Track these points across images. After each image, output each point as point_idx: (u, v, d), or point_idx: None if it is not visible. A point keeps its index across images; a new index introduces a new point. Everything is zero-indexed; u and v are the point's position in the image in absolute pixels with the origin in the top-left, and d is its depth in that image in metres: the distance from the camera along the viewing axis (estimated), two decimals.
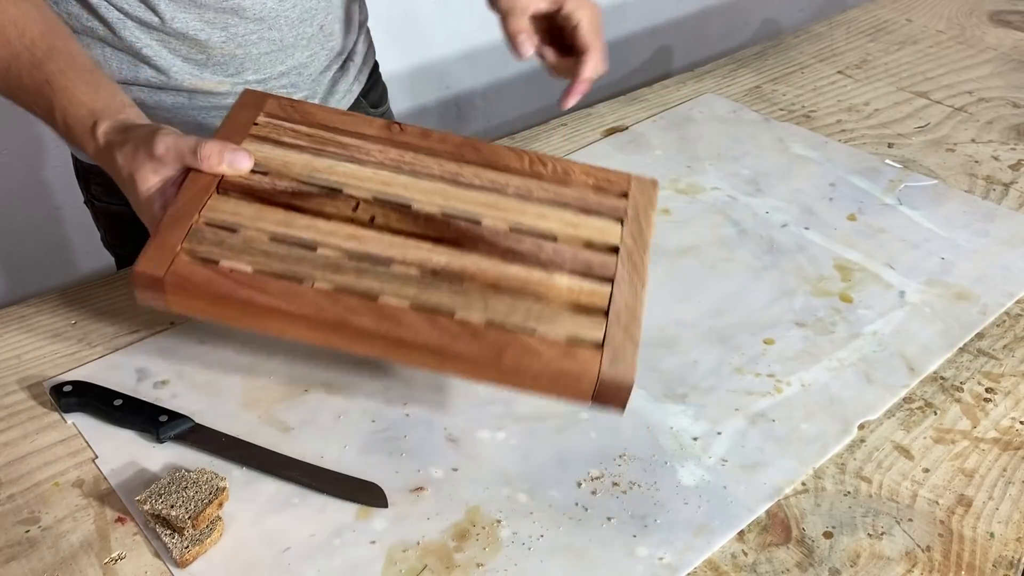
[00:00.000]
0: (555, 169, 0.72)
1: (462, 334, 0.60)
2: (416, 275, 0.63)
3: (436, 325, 0.60)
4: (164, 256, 0.61)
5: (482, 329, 0.60)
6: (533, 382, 0.61)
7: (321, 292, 0.61)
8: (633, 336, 0.62)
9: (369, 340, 0.60)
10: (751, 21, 2.43)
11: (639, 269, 0.66)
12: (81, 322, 0.84)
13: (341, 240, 0.64)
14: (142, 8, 0.79)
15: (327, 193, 0.67)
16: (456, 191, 0.69)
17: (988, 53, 1.33)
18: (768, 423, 0.73)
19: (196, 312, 0.62)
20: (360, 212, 0.66)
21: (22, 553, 0.64)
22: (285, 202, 0.66)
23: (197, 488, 0.65)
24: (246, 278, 0.60)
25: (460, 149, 0.72)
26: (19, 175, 1.49)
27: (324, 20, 0.90)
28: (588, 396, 0.61)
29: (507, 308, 0.62)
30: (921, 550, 0.63)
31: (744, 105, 1.19)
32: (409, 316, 0.60)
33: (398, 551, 0.64)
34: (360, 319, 0.60)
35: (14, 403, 0.75)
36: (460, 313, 0.61)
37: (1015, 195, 1.01)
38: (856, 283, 0.88)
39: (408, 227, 0.66)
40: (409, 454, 0.71)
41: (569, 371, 0.60)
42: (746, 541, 0.64)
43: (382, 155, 0.70)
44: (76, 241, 1.59)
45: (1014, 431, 0.73)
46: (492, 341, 0.60)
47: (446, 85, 1.92)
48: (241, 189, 0.66)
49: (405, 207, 0.67)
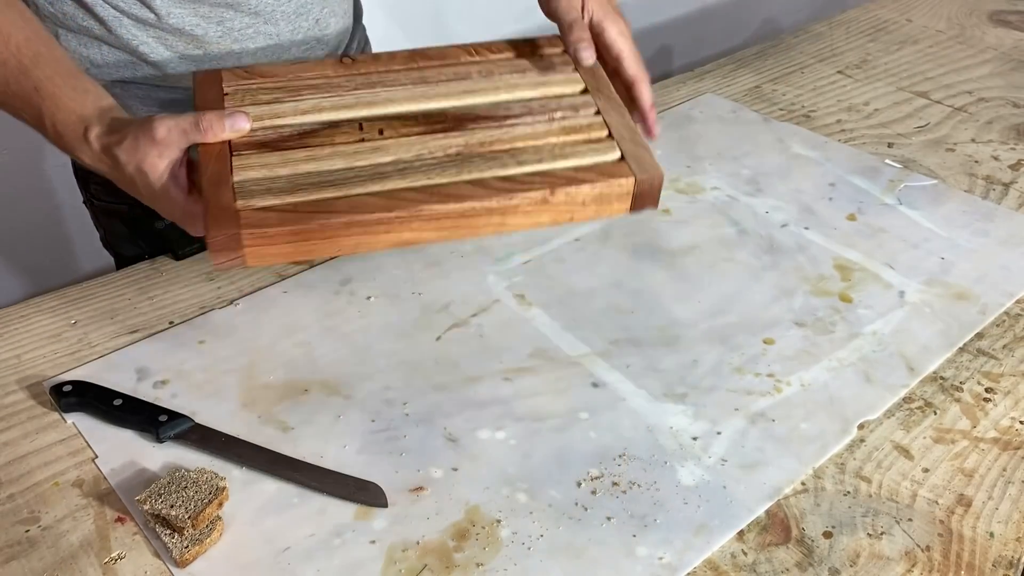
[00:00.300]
0: (500, 48, 0.80)
1: (513, 188, 0.66)
2: (446, 159, 0.69)
3: (489, 187, 0.66)
4: (228, 216, 0.62)
5: (526, 179, 0.67)
6: (582, 209, 0.68)
7: (383, 194, 0.65)
8: (641, 143, 0.71)
9: (439, 222, 0.65)
10: (751, 21, 2.43)
11: (612, 97, 0.75)
12: (81, 322, 0.84)
13: (367, 157, 0.68)
14: (137, 5, 0.79)
15: (328, 126, 0.70)
16: (432, 89, 0.74)
17: (988, 53, 1.33)
18: (768, 423, 0.73)
19: (276, 257, 0.64)
20: (367, 131, 0.70)
21: (22, 553, 0.64)
22: (298, 143, 0.68)
23: (197, 488, 0.65)
24: (312, 205, 0.63)
25: (412, 59, 0.78)
26: (19, 175, 1.49)
27: (319, 14, 0.90)
28: (627, 205, 0.70)
29: (535, 157, 0.69)
30: (921, 550, 0.63)
31: (744, 105, 1.19)
32: (464, 189, 0.66)
33: (398, 551, 0.64)
34: (428, 206, 0.64)
35: (14, 403, 0.75)
36: (498, 172, 0.68)
37: (1015, 195, 1.01)
38: (856, 283, 0.88)
39: (414, 128, 0.71)
40: (409, 454, 0.71)
41: (610, 188, 0.68)
42: (746, 541, 0.64)
43: (351, 83, 0.74)
44: (76, 241, 1.59)
45: (1014, 431, 0.73)
46: (539, 185, 0.67)
47: None
48: (253, 145, 0.68)
49: (401, 115, 0.72)
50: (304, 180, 0.65)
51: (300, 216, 0.63)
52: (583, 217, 0.69)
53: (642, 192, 0.69)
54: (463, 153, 0.69)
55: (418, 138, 0.70)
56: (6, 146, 1.45)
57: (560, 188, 0.67)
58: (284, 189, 0.64)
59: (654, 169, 0.69)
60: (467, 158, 0.68)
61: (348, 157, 0.67)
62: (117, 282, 0.89)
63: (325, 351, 0.80)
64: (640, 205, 0.70)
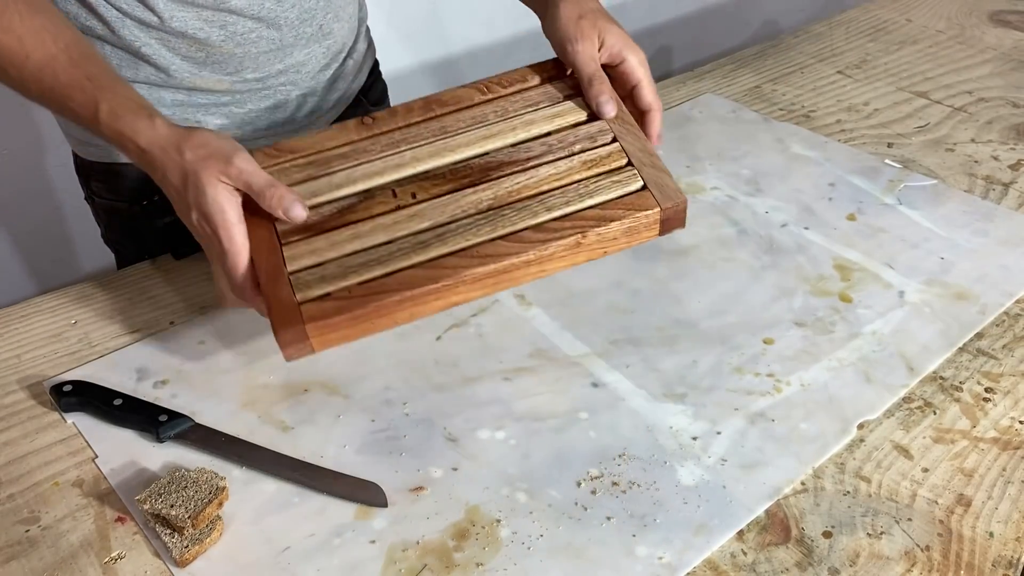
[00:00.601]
0: (510, 81, 0.81)
1: (547, 238, 0.69)
2: (479, 216, 0.71)
3: (524, 241, 0.69)
4: (291, 313, 0.65)
5: (558, 225, 0.70)
6: (614, 243, 0.71)
7: (427, 265, 0.68)
8: (661, 168, 0.73)
9: (482, 282, 0.68)
10: (751, 21, 2.43)
11: (627, 120, 0.76)
12: (81, 322, 0.84)
13: (406, 225, 0.70)
14: (140, 7, 0.79)
15: (364, 197, 0.72)
16: (453, 140, 0.76)
17: (988, 53, 1.33)
18: (767, 423, 0.73)
19: (340, 340, 0.67)
20: (401, 197, 0.72)
21: (22, 552, 0.64)
22: (339, 223, 0.71)
23: (197, 488, 0.65)
24: (364, 288, 0.66)
25: (428, 108, 0.79)
26: (19, 175, 1.49)
27: (323, 20, 0.90)
28: (656, 232, 0.72)
29: (562, 200, 0.71)
30: (920, 550, 0.63)
31: (744, 105, 1.19)
32: (501, 247, 0.68)
33: (398, 550, 0.64)
34: (469, 270, 0.67)
35: (14, 403, 0.76)
36: (530, 222, 0.70)
37: (1014, 195, 1.01)
38: (855, 283, 0.88)
39: (444, 187, 0.73)
40: (409, 454, 0.71)
41: (637, 221, 0.70)
42: (745, 541, 0.64)
43: (376, 145, 0.76)
44: (76, 241, 1.59)
45: (1013, 431, 0.73)
46: (570, 231, 0.69)
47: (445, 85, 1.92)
48: (299, 231, 0.70)
49: (429, 174, 0.74)
50: (353, 261, 0.68)
51: (356, 301, 0.66)
52: (616, 249, 0.71)
53: (669, 218, 0.71)
54: (494, 206, 0.71)
55: (450, 197, 0.72)
56: (6, 146, 1.45)
57: (591, 230, 0.69)
58: (336, 275, 0.67)
59: (677, 195, 0.71)
60: (499, 211, 0.71)
61: (388, 229, 0.70)
62: (118, 282, 0.89)
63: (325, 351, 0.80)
64: (668, 229, 0.72)
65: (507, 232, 0.69)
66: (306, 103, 0.94)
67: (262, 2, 0.83)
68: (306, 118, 0.95)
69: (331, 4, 0.90)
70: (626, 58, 0.78)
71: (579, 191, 0.72)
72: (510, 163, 0.74)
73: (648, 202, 0.71)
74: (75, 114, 0.71)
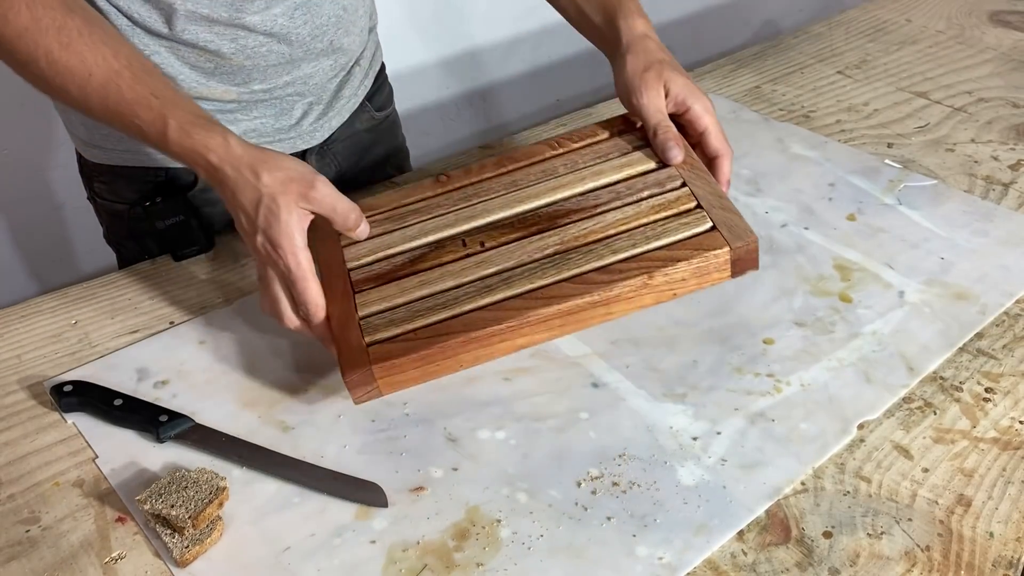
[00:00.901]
0: (580, 137, 0.83)
1: (612, 279, 0.69)
2: (545, 260, 0.72)
3: (589, 282, 0.69)
4: (359, 355, 0.67)
5: (624, 267, 0.70)
6: (683, 284, 0.71)
7: (492, 307, 0.69)
8: (732, 209, 0.73)
9: (547, 323, 0.69)
10: (751, 21, 2.43)
11: (696, 166, 0.77)
12: (81, 322, 0.84)
13: (473, 271, 0.72)
14: (152, 18, 0.79)
15: (434, 248, 0.75)
16: (523, 193, 0.78)
17: (988, 53, 1.33)
18: (767, 423, 0.73)
19: (407, 383, 0.69)
20: (470, 246, 0.75)
21: (22, 553, 0.64)
22: (409, 271, 0.73)
23: (197, 488, 0.65)
24: (430, 330, 0.68)
25: (500, 164, 0.81)
26: (20, 175, 1.49)
27: (334, 35, 0.90)
28: (728, 273, 0.71)
29: (628, 243, 0.71)
30: (920, 550, 0.64)
31: (744, 105, 1.19)
32: (566, 288, 0.69)
33: (398, 551, 0.64)
34: (534, 311, 0.68)
35: (14, 403, 0.76)
36: (595, 264, 0.70)
37: (1014, 195, 1.01)
38: (855, 283, 0.88)
39: (511, 235, 0.75)
40: (409, 454, 0.71)
41: (706, 261, 0.70)
42: (746, 541, 0.64)
43: (449, 200, 0.79)
44: (77, 241, 1.59)
45: (1013, 431, 0.73)
46: (637, 272, 0.69)
47: (446, 85, 1.92)
48: (371, 279, 0.73)
49: (497, 224, 0.76)
50: (420, 306, 0.70)
51: (421, 343, 0.67)
52: (686, 291, 0.71)
53: (740, 258, 0.70)
54: (560, 250, 0.72)
55: (517, 244, 0.73)
56: (6, 146, 1.45)
57: (658, 271, 0.69)
58: (403, 318, 0.69)
59: (747, 235, 0.70)
60: (565, 255, 0.72)
61: (456, 275, 0.72)
62: (118, 282, 0.89)
63: (325, 351, 0.80)
64: (740, 270, 0.71)
65: (572, 274, 0.70)
66: (311, 111, 0.94)
67: (275, 18, 0.83)
68: (311, 125, 0.95)
69: (342, 20, 0.90)
70: (691, 106, 0.79)
71: (646, 234, 0.72)
72: (578, 210, 0.76)
73: (717, 242, 0.70)
74: (141, 132, 0.71)
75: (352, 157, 1.02)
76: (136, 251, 0.96)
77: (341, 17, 0.90)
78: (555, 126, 1.14)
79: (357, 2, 0.93)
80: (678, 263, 0.69)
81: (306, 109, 0.93)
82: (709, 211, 0.72)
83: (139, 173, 0.91)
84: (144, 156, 0.90)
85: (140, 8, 0.79)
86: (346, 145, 1.01)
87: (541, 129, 1.14)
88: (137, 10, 0.79)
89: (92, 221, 1.03)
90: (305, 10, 0.86)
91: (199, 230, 0.91)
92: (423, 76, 1.87)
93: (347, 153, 1.01)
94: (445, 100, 1.94)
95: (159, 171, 0.91)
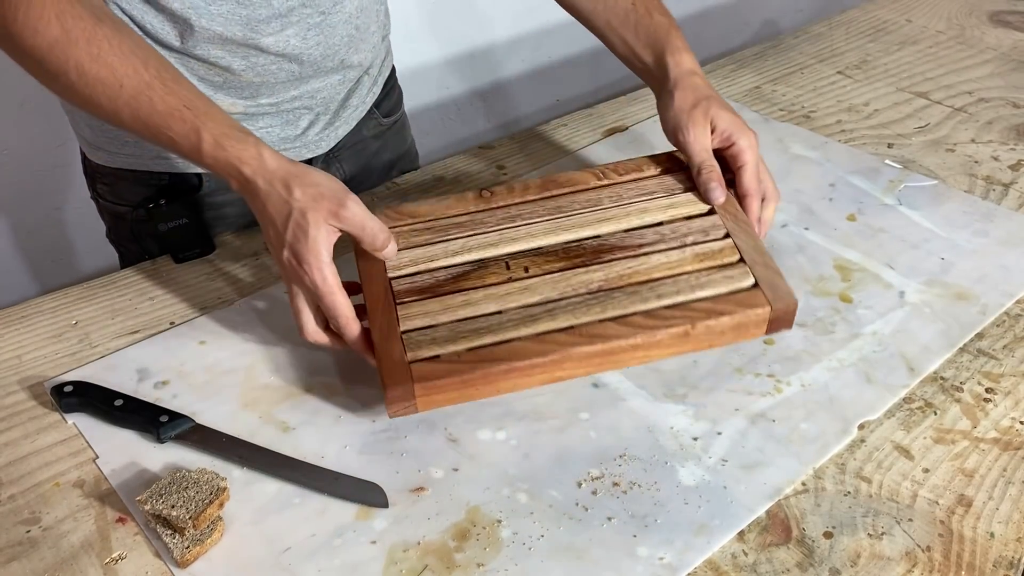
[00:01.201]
0: (626, 170, 0.83)
1: (655, 324, 0.70)
2: (588, 296, 0.72)
3: (632, 324, 0.70)
4: (401, 371, 0.68)
5: (667, 313, 0.71)
6: (720, 337, 0.72)
7: (535, 338, 0.69)
8: (774, 267, 0.74)
9: (588, 360, 0.69)
10: (751, 22, 2.43)
11: (740, 218, 0.78)
12: (81, 322, 0.84)
13: (516, 298, 0.73)
14: (165, 30, 0.79)
15: (477, 267, 0.75)
16: (567, 221, 0.78)
17: (988, 53, 1.33)
18: (768, 423, 0.73)
19: (443, 403, 0.69)
20: (514, 270, 0.75)
21: (23, 553, 0.64)
22: (453, 287, 0.74)
23: (198, 488, 0.65)
24: (473, 355, 0.69)
25: (544, 187, 0.82)
26: (19, 175, 1.49)
27: (345, 54, 0.90)
28: (763, 330, 0.73)
29: (672, 289, 0.72)
30: (921, 550, 0.64)
31: (744, 105, 1.19)
32: (609, 328, 0.70)
33: (398, 551, 0.64)
34: (577, 348, 0.69)
35: (15, 403, 0.76)
36: (639, 307, 0.71)
37: (1015, 195, 1.01)
38: (856, 283, 0.88)
39: (555, 264, 0.75)
40: (409, 454, 0.71)
41: (747, 317, 0.71)
42: (746, 541, 0.64)
43: (493, 218, 0.79)
44: (77, 241, 1.59)
45: (1014, 431, 0.73)
46: (680, 321, 0.70)
47: (446, 85, 1.92)
48: (414, 292, 0.74)
49: (542, 251, 0.77)
50: (463, 327, 0.71)
51: (464, 366, 0.68)
52: (722, 343, 0.72)
53: (778, 318, 0.72)
54: (604, 288, 0.73)
55: (560, 275, 0.74)
56: (6, 146, 1.45)
57: (700, 322, 0.70)
58: (446, 338, 0.70)
59: (788, 296, 0.72)
60: (608, 293, 0.72)
61: (499, 299, 0.72)
62: (118, 283, 0.89)
63: (325, 351, 0.80)
64: (775, 328, 0.73)
65: (616, 315, 0.71)
66: (318, 121, 0.94)
67: (288, 39, 0.83)
68: (317, 135, 0.95)
69: (354, 39, 0.90)
70: (736, 142, 0.80)
71: (690, 282, 0.73)
72: (622, 248, 0.76)
73: (759, 300, 0.71)
74: (174, 143, 0.70)
75: (359, 163, 1.02)
76: (138, 252, 0.96)
77: (354, 36, 0.90)
78: (556, 126, 1.15)
79: (370, 19, 0.92)
80: (721, 316, 0.70)
81: (312, 120, 0.93)
82: (752, 267, 0.74)
83: (143, 176, 0.91)
84: (148, 160, 0.90)
85: (154, 20, 0.78)
86: (352, 152, 1.01)
87: (541, 129, 1.14)
88: (151, 21, 0.79)
89: (93, 221, 1.03)
90: (319, 31, 0.86)
91: (201, 233, 0.91)
92: (423, 76, 1.87)
93: (354, 160, 1.01)
94: (445, 100, 1.94)
95: (162, 175, 0.91)
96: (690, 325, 0.70)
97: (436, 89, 1.91)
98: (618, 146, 1.10)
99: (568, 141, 1.11)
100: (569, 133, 1.13)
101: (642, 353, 0.71)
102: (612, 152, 1.08)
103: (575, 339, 0.69)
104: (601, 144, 1.10)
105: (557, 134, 1.13)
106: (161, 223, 0.89)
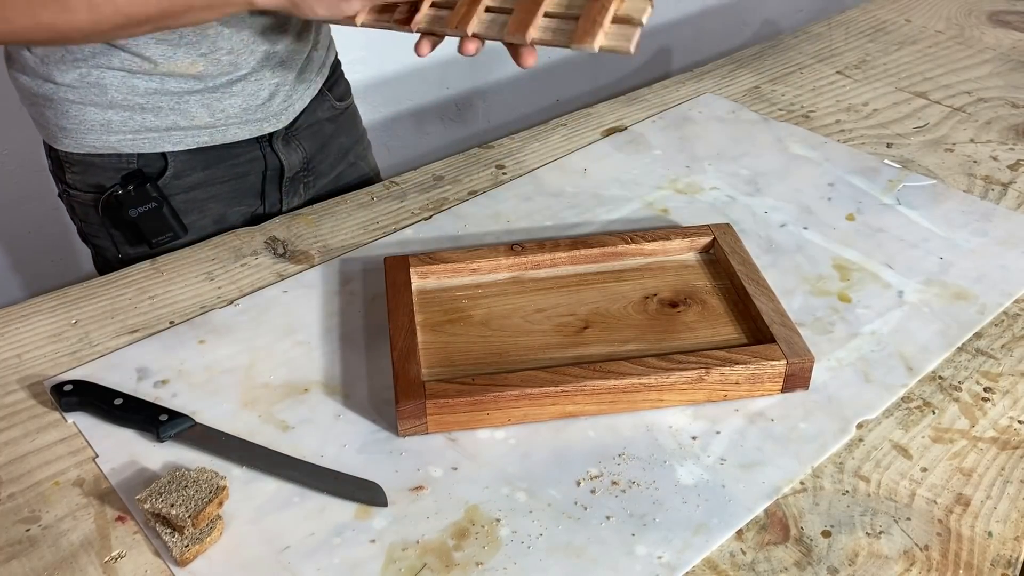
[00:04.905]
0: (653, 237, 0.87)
1: (670, 366, 0.72)
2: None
3: (648, 365, 0.73)
4: (415, 388, 0.71)
5: (683, 358, 0.73)
6: (735, 387, 0.74)
7: (551, 371, 0.72)
8: (792, 327, 0.76)
9: (600, 397, 0.72)
10: (750, 22, 2.43)
11: (760, 282, 0.81)
12: (82, 322, 0.84)
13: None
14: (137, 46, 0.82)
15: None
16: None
17: (987, 53, 1.33)
18: (767, 422, 0.73)
19: (454, 424, 0.71)
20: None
21: (22, 552, 0.64)
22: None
23: (197, 487, 0.65)
24: (487, 380, 0.71)
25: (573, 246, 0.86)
26: (19, 175, 1.49)
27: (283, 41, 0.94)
28: (779, 387, 0.74)
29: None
30: (919, 549, 0.64)
31: (743, 105, 1.19)
32: (624, 366, 0.72)
33: (398, 550, 0.64)
34: (591, 381, 0.71)
35: (14, 402, 0.76)
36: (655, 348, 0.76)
37: (1013, 195, 1.01)
38: (855, 283, 0.88)
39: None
40: (408, 453, 0.71)
41: (762, 369, 0.73)
42: (745, 540, 0.64)
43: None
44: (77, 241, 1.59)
45: (1012, 430, 0.73)
46: (695, 366, 0.72)
47: (446, 85, 1.92)
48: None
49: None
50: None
51: (477, 389, 0.71)
52: (736, 395, 0.74)
53: (794, 373, 0.74)
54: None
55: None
56: (6, 146, 1.45)
57: (715, 368, 0.72)
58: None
59: (805, 353, 0.74)
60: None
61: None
62: (118, 282, 0.89)
63: (325, 351, 0.80)
64: (791, 386, 0.75)
65: (633, 354, 0.75)
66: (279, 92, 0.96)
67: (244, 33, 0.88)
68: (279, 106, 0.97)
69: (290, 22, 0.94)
70: None
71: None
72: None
73: (775, 353, 0.73)
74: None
75: (316, 144, 1.04)
76: (111, 246, 0.96)
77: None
78: (555, 126, 1.15)
79: None
80: (736, 365, 0.72)
81: (273, 90, 0.95)
82: (771, 325, 0.76)
83: (111, 160, 0.92)
84: (114, 140, 0.90)
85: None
86: (310, 133, 1.04)
87: (540, 129, 1.14)
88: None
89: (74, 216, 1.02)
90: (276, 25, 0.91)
91: (172, 216, 0.92)
92: (423, 76, 1.87)
93: (311, 140, 1.04)
94: (445, 100, 1.94)
95: (130, 157, 0.91)
96: (705, 371, 0.72)
97: (436, 89, 1.91)
98: (617, 146, 1.10)
99: (567, 141, 1.11)
100: (568, 133, 1.13)
101: (655, 395, 0.73)
102: (611, 152, 1.08)
103: (589, 373, 0.71)
104: (600, 144, 1.10)
105: (556, 134, 1.13)
106: (131, 208, 0.90)
